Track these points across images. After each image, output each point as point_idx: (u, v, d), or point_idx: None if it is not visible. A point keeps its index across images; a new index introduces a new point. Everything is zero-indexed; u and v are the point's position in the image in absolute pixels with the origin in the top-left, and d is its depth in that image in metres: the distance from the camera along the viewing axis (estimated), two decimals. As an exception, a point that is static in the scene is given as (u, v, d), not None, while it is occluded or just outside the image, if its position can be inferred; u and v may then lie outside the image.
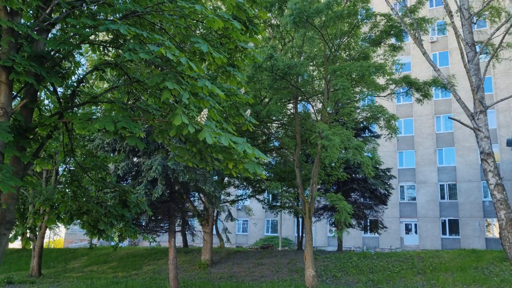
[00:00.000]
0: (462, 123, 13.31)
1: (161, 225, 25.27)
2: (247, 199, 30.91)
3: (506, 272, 18.49)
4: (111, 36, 7.99)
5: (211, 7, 10.87)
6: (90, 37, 7.72)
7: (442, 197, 38.27)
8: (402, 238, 38.85)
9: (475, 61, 12.97)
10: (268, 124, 22.00)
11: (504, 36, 13.08)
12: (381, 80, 20.30)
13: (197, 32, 9.57)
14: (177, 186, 21.28)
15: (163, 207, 20.77)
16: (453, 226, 37.25)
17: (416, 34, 14.26)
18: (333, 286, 19.39)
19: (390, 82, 19.37)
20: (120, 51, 8.35)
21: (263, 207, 31.90)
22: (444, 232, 37.48)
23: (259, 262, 24.69)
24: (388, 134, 19.11)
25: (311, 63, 19.25)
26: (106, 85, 21.57)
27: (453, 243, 35.72)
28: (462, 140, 37.65)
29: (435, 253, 22.93)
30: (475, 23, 14.26)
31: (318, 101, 20.75)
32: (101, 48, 8.35)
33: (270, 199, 33.57)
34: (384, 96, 19.90)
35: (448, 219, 37.49)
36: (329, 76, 18.22)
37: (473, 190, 36.60)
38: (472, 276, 18.84)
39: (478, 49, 13.67)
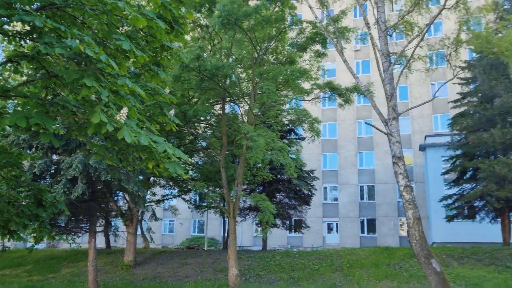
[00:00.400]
0: (377, 128, 14.22)
1: (82, 225, 24.32)
2: (173, 198, 30.61)
3: (415, 268, 19.93)
4: (28, 28, 7.64)
5: (137, 4, 10.73)
6: (4, 27, 7.33)
7: (362, 198, 40.36)
8: (324, 237, 40.42)
9: (390, 70, 13.91)
10: (196, 124, 21.99)
11: (415, 49, 14.17)
12: (306, 85, 21.04)
13: (124, 28, 9.41)
14: (99, 185, 20.60)
15: (84, 206, 20.03)
16: (371, 225, 39.43)
17: (338, 42, 15.01)
18: (255, 285, 19.80)
19: (315, 87, 20.15)
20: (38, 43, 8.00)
21: (188, 207, 31.74)
22: (362, 231, 39.55)
23: (184, 262, 24.56)
24: (311, 137, 19.91)
25: (239, 65, 19.53)
26: (24, 78, 20.41)
27: (371, 241, 37.76)
28: (380, 144, 39.90)
29: (353, 251, 24.16)
30: (390, 35, 15.28)
31: (245, 103, 21.09)
32: (17, 39, 7.95)
33: (197, 199, 33.47)
34: (309, 100, 20.67)
35: (367, 219, 39.61)
36: (256, 79, 18.60)
37: (389, 191, 38.93)
38: (385, 271, 20.11)
39: (393, 60, 14.65)
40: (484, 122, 23.05)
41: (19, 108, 7.12)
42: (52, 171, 20.44)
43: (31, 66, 8.45)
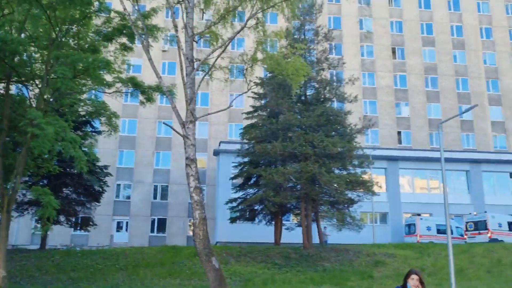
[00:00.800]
0: (174, 130, 14.58)
1: None
2: None
3: (197, 266, 20.92)
4: None
5: None
6: None
7: (155, 197, 40.63)
8: (113, 236, 39.19)
9: (192, 75, 14.46)
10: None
11: (217, 59, 15.06)
12: (108, 77, 20.16)
13: None
14: None
15: None
16: (161, 225, 39.98)
17: (145, 39, 14.90)
18: (25, 287, 17.93)
19: (117, 80, 19.47)
20: None
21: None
22: (152, 230, 39.77)
23: None
24: (108, 131, 19.17)
25: (33, 44, 17.56)
26: None
27: (159, 240, 38.12)
28: (178, 146, 40.73)
29: (140, 250, 24.09)
30: (197, 42, 15.91)
31: (36, 86, 19.06)
32: None
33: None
34: (110, 93, 19.85)
35: (158, 218, 40.02)
36: (51, 62, 16.99)
37: (182, 192, 39.99)
38: (169, 270, 20.61)
39: (196, 66, 15.26)
40: (270, 135, 25.80)
41: None
42: None
43: None
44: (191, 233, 39.27)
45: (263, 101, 28.98)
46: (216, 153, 37.32)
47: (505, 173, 40.37)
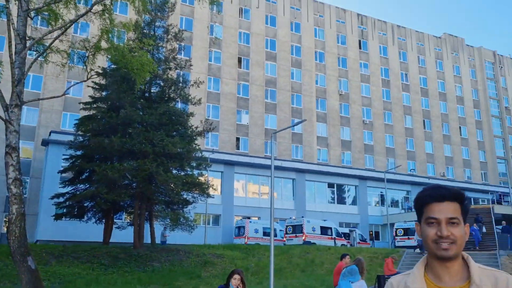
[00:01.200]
0: (-6, 113, 12.86)
1: None
2: None
3: (10, 267, 18.71)
4: None
5: None
6: None
7: (-38, 188, 35.06)
8: None
9: (23, 54, 12.97)
10: None
11: (54, 41, 13.80)
12: None
13: None
14: None
15: None
16: (-32, 220, 34.70)
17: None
18: None
19: None
20: None
21: None
22: (-44, 226, 34.26)
23: None
24: None
25: None
26: None
27: (-36, 238, 33.15)
28: (-1, 131, 36.15)
29: None
30: (32, 18, 14.34)
31: None
32: None
33: None
34: None
35: (-36, 212, 34.64)
36: None
37: (-1, 183, 35.50)
38: (-27, 271, 18.01)
39: (29, 44, 13.75)
40: (108, 129, 24.54)
41: None
42: None
43: None
44: (5, 230, 34.97)
45: (103, 93, 27.48)
46: (45, 143, 34.07)
47: (324, 183, 45.46)
